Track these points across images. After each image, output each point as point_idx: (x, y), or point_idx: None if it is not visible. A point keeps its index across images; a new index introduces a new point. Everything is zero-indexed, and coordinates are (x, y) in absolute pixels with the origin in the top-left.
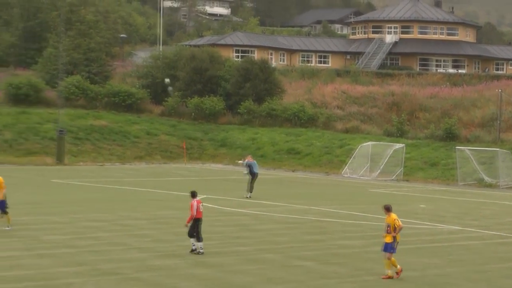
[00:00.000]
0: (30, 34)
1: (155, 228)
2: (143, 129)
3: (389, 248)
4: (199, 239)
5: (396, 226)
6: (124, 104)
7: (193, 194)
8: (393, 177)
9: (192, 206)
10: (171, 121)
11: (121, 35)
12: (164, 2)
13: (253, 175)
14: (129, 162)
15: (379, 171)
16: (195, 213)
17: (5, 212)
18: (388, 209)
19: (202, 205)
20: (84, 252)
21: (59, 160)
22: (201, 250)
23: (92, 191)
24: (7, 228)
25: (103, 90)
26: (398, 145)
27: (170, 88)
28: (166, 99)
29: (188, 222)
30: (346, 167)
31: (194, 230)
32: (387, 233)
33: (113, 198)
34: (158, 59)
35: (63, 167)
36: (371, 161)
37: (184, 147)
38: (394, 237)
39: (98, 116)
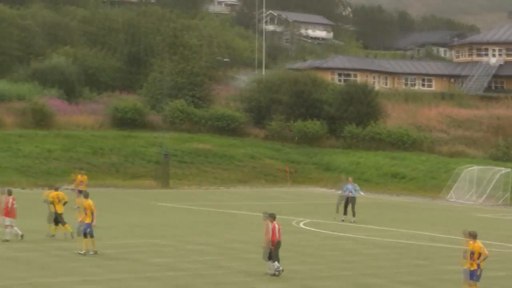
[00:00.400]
0: (135, 59)
1: (259, 252)
2: (247, 153)
3: (473, 276)
4: (276, 260)
5: (482, 254)
6: (228, 128)
7: (273, 216)
8: (500, 202)
9: (273, 228)
10: (275, 145)
11: (224, 59)
12: (267, 26)
13: (347, 198)
14: (233, 185)
15: (485, 195)
16: (277, 236)
17: (85, 236)
18: (474, 236)
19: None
20: (190, 276)
21: (164, 183)
22: (277, 271)
23: (197, 215)
24: (82, 252)
25: (207, 114)
26: (505, 170)
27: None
28: (269, 123)
29: (269, 244)
30: (452, 191)
31: (272, 252)
32: (471, 260)
33: (217, 221)
34: (261, 83)
35: (168, 191)
36: (476, 186)
37: (288, 170)
38: (478, 265)
39: (202, 140)
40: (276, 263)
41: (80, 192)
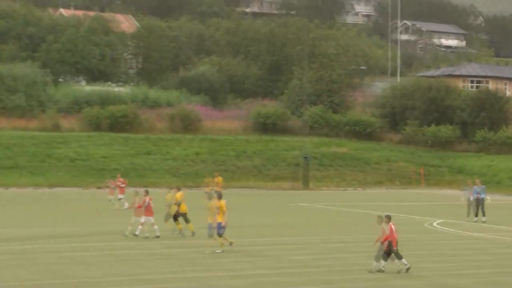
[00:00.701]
0: (276, 67)
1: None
2: (383, 156)
3: None
4: (399, 257)
5: None
6: (364, 132)
7: (389, 217)
8: None
9: (391, 229)
10: (409, 149)
11: (361, 67)
12: (402, 35)
13: (477, 200)
14: (369, 187)
15: None
16: (395, 236)
17: (219, 235)
18: None
19: None
20: (329, 272)
21: (305, 184)
22: (407, 267)
23: (336, 214)
24: (218, 251)
25: (345, 119)
26: None
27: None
28: (404, 127)
29: (385, 244)
30: None
31: (390, 252)
32: None
33: (354, 221)
34: (396, 90)
35: (308, 192)
36: None
37: (422, 173)
38: None
39: (340, 144)
40: (403, 259)
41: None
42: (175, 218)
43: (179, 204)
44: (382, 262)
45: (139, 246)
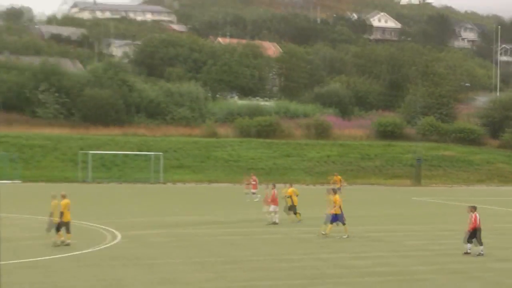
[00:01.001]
0: (394, 84)
1: (493, 238)
2: (484, 158)
3: None
4: (481, 244)
5: None
6: (468, 138)
7: (475, 208)
8: None
9: (475, 218)
10: (507, 152)
11: (466, 84)
12: (501, 57)
13: None
14: (472, 185)
15: None
16: (478, 224)
17: (343, 224)
18: None
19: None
20: (437, 255)
21: (417, 182)
22: (482, 252)
23: (444, 207)
24: (345, 237)
25: (451, 128)
26: None
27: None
28: (502, 134)
29: (470, 230)
30: None
31: (473, 237)
32: None
33: (459, 212)
34: (496, 103)
35: (420, 188)
36: None
37: None
38: None
39: (447, 148)
40: (481, 247)
41: (337, 189)
42: (293, 210)
43: (289, 197)
44: (480, 247)
45: (277, 231)
